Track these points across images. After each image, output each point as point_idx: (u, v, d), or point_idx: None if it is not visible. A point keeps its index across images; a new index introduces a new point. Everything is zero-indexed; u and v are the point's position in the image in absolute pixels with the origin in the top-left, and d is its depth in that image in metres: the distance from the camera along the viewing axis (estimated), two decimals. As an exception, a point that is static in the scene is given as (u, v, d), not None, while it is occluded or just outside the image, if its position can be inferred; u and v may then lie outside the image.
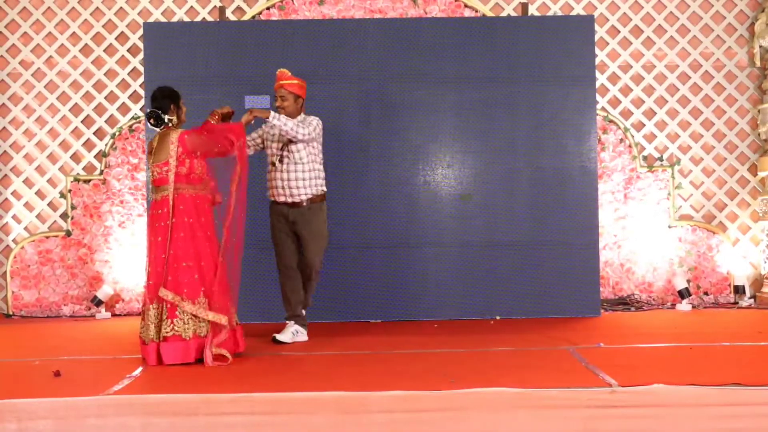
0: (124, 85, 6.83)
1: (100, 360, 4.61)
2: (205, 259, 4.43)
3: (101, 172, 6.74)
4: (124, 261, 6.66)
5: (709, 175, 6.90)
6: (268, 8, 6.75)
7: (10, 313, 6.64)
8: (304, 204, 5.09)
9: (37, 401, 3.45)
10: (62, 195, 6.76)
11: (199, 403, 3.44)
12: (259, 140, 5.21)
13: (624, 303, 6.57)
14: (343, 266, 6.01)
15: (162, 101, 4.51)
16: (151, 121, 4.48)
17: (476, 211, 6.16)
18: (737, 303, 6.62)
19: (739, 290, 6.66)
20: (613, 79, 6.89)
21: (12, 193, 6.82)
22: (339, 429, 3.37)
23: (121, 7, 6.83)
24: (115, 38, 6.83)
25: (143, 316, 4.45)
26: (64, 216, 6.75)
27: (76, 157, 6.82)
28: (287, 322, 5.14)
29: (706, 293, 6.74)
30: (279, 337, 5.03)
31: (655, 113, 6.89)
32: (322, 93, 6.08)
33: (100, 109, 6.83)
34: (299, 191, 5.07)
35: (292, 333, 5.07)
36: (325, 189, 5.22)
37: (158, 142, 4.52)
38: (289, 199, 5.07)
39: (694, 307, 6.47)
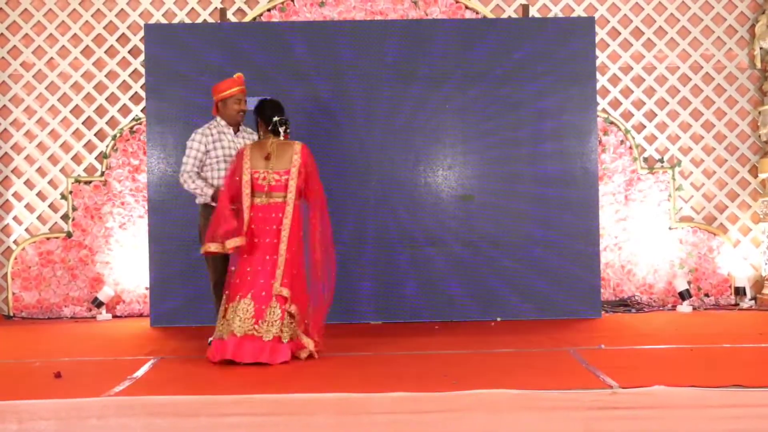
0: (125, 86, 6.83)
1: (101, 361, 4.61)
2: (301, 271, 4.62)
3: (102, 174, 6.75)
4: (125, 262, 6.66)
5: (710, 176, 6.90)
6: (269, 10, 6.75)
7: (11, 314, 6.64)
8: None
9: (38, 402, 3.46)
10: (63, 196, 6.76)
11: (200, 404, 3.45)
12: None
13: (625, 304, 6.57)
14: (344, 267, 5.98)
15: (285, 113, 4.75)
16: (284, 128, 4.67)
17: (477, 212, 6.17)
18: (738, 305, 6.62)
19: (739, 292, 6.66)
20: (614, 80, 6.90)
21: (13, 195, 6.82)
22: (340, 430, 3.37)
23: (122, 9, 6.83)
24: (116, 40, 6.83)
25: (231, 312, 4.44)
26: (64, 217, 6.76)
27: (77, 159, 6.83)
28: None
29: (706, 295, 6.74)
30: None
31: (656, 115, 6.89)
32: (323, 94, 6.10)
33: (101, 111, 6.83)
34: None
35: None
36: None
37: (277, 149, 4.63)
38: None
39: (694, 308, 6.47)
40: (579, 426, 3.36)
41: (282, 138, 4.66)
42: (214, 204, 4.77)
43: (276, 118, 4.66)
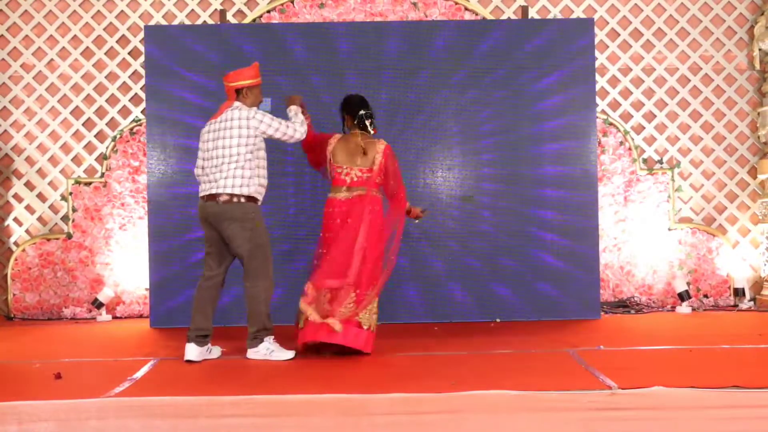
0: (125, 87, 6.84)
1: (101, 362, 4.61)
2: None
3: (102, 175, 6.75)
4: (125, 263, 6.66)
5: (709, 177, 6.91)
6: (268, 11, 6.76)
7: (12, 315, 6.65)
8: None
9: (38, 403, 3.46)
10: (63, 197, 6.77)
11: (200, 405, 3.45)
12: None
13: (624, 305, 6.58)
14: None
15: (370, 109, 4.90)
16: (370, 121, 4.88)
17: (476, 213, 6.18)
18: (737, 305, 6.63)
19: (738, 293, 6.67)
20: (613, 81, 6.91)
21: (13, 196, 6.83)
22: (339, 431, 3.38)
23: (122, 11, 6.84)
24: (116, 41, 6.84)
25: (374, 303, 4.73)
26: (65, 218, 6.76)
27: (77, 160, 6.84)
28: (266, 338, 4.60)
29: (705, 296, 6.75)
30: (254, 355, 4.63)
31: (655, 116, 6.90)
32: (323, 95, 6.09)
33: (101, 112, 6.84)
34: None
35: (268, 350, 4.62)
36: None
37: (347, 145, 4.82)
38: None
39: (693, 309, 6.48)
40: (578, 427, 3.36)
41: (371, 132, 4.88)
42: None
43: (362, 112, 4.86)
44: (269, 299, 4.65)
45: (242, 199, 4.55)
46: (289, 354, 4.57)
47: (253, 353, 4.57)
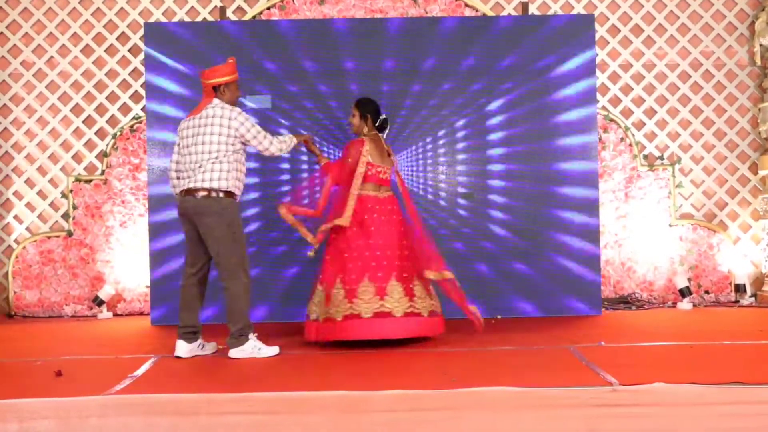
0: (125, 85, 6.84)
1: (102, 360, 4.61)
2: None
3: (102, 172, 6.75)
4: (126, 261, 6.66)
5: (710, 173, 6.90)
6: (268, 8, 6.75)
7: (12, 313, 6.65)
8: None
9: (38, 401, 3.46)
10: (64, 195, 6.77)
11: (200, 402, 3.45)
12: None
13: (625, 302, 6.57)
14: (344, 266, 6.00)
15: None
16: (388, 127, 5.18)
17: (477, 210, 6.17)
18: (738, 301, 6.62)
19: (740, 289, 6.66)
20: (614, 78, 6.89)
21: (13, 194, 6.83)
22: (340, 428, 3.37)
23: (121, 8, 6.84)
24: (116, 38, 6.84)
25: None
26: (65, 216, 6.76)
27: (77, 157, 6.83)
28: (251, 336, 4.58)
29: (707, 292, 6.74)
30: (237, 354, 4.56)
31: (656, 112, 6.89)
32: (323, 92, 6.10)
33: (101, 109, 6.84)
34: None
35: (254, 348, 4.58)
36: None
37: (378, 146, 5.01)
38: None
39: (695, 305, 6.48)
40: (579, 423, 3.36)
41: (384, 136, 5.13)
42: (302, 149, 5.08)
43: (383, 116, 5.09)
44: (249, 295, 4.62)
45: (220, 194, 4.52)
46: (275, 350, 4.57)
47: (238, 352, 4.51)
